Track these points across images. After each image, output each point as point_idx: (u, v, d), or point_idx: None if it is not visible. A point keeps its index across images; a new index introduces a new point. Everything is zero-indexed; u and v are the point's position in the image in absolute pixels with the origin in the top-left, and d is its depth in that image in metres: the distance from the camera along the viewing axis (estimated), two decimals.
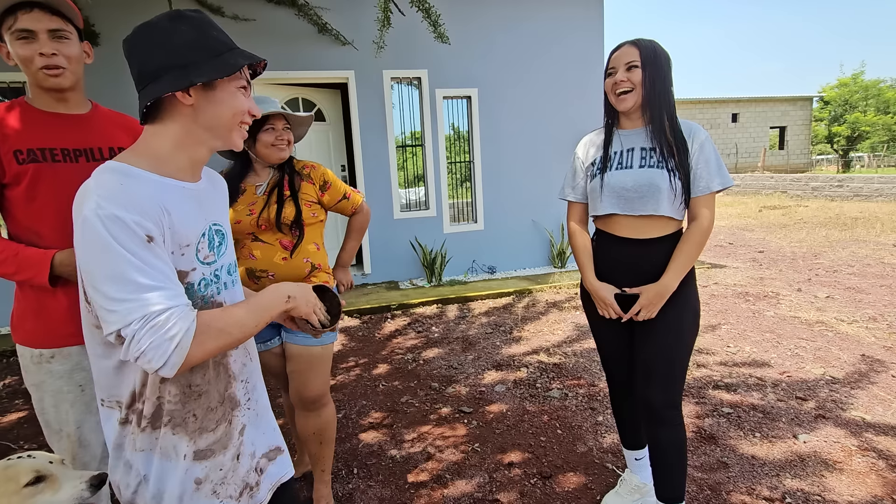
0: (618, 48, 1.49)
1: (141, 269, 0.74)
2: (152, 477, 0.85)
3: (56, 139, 1.23)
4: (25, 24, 1.16)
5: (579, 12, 5.62)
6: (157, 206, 0.79)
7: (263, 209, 1.64)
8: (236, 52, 0.88)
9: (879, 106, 25.80)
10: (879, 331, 3.39)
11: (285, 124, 1.69)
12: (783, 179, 13.85)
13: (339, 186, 1.80)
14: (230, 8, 4.64)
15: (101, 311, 0.75)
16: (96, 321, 0.82)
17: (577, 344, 3.47)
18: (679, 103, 23.80)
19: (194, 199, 0.89)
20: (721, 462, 2.04)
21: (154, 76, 0.82)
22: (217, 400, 0.90)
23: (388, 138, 5.31)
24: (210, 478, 0.88)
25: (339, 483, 2.04)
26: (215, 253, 0.93)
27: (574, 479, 2.00)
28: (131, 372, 0.83)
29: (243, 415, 0.97)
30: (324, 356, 1.72)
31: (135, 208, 0.76)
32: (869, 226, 7.71)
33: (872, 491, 1.82)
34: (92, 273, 0.75)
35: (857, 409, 2.40)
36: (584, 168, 1.63)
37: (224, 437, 0.91)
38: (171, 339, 0.73)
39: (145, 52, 0.83)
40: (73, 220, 0.78)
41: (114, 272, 0.73)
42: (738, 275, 5.21)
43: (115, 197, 0.76)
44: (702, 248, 1.47)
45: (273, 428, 1.07)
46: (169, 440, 0.85)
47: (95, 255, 0.74)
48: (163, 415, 0.84)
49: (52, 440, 1.28)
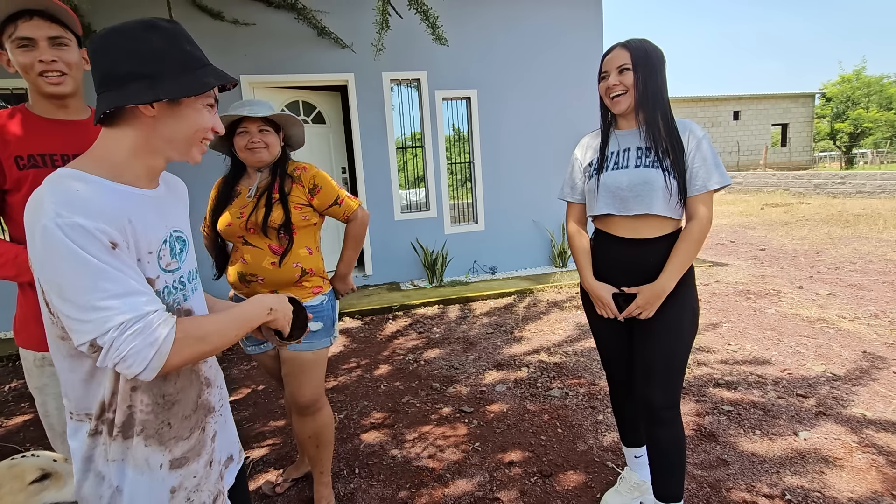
0: (609, 51, 1.50)
1: (110, 276, 0.73)
2: (126, 488, 0.83)
3: (56, 145, 1.25)
4: (25, 33, 1.19)
5: (578, 12, 5.63)
6: (118, 213, 0.77)
7: (252, 212, 1.63)
8: (209, 69, 0.86)
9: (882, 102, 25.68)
10: (881, 327, 3.39)
11: (261, 126, 1.64)
12: (785, 177, 13.81)
13: (330, 191, 1.71)
14: (230, 12, 4.67)
15: (72, 321, 0.73)
16: (62, 332, 0.79)
17: (578, 343, 3.48)
18: (681, 101, 23.79)
19: (154, 206, 0.87)
20: (721, 459, 2.05)
21: (120, 82, 0.80)
22: (191, 408, 0.90)
23: (389, 140, 5.33)
24: (184, 485, 0.88)
25: (341, 483, 2.06)
26: (178, 260, 0.91)
27: (574, 477, 2.01)
28: (100, 382, 0.81)
29: (215, 421, 0.98)
30: (315, 362, 1.70)
31: (96, 215, 0.74)
32: (871, 222, 7.69)
33: (872, 487, 1.83)
34: (57, 284, 0.72)
35: (857, 405, 2.40)
36: (581, 169, 1.64)
37: (198, 444, 0.91)
38: (152, 344, 0.73)
39: (114, 56, 0.80)
40: (28, 228, 0.75)
41: (82, 282, 0.71)
42: (739, 273, 5.20)
43: (73, 204, 0.73)
44: (699, 247, 1.48)
45: (234, 434, 1.08)
46: (141, 451, 0.83)
47: (60, 266, 0.71)
48: (135, 424, 0.83)
49: (55, 442, 1.30)
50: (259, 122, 1.64)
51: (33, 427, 2.67)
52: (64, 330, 0.78)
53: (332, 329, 1.75)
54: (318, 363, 1.72)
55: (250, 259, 1.64)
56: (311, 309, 1.66)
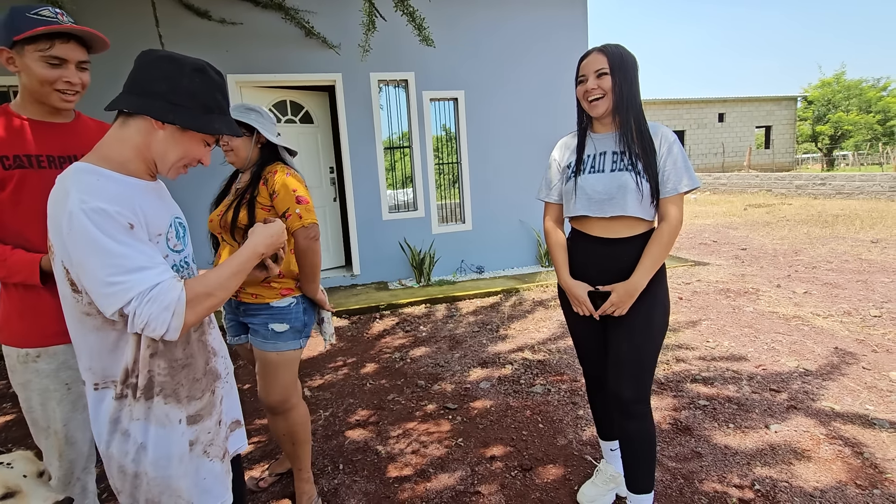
0: (586, 56, 1.56)
1: (128, 253, 0.84)
2: (150, 443, 0.94)
3: (41, 146, 1.27)
4: (60, 53, 1.22)
5: (563, 13, 5.71)
6: (129, 199, 0.90)
7: (225, 212, 1.66)
8: (225, 119, 1.02)
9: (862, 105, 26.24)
10: (853, 324, 3.50)
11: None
12: (768, 178, 14.07)
13: (284, 201, 1.60)
14: (217, 12, 4.67)
15: (99, 295, 0.84)
16: (88, 308, 0.90)
17: (561, 341, 3.54)
18: (667, 103, 24.09)
19: (156, 195, 1.01)
20: (695, 452, 2.12)
21: (150, 95, 0.93)
22: (201, 372, 1.02)
23: (376, 140, 5.35)
24: (201, 439, 1.00)
25: (325, 479, 2.09)
26: (182, 242, 1.05)
27: (553, 470, 2.06)
28: (123, 350, 0.92)
29: (222, 387, 1.11)
30: (279, 363, 1.69)
31: (114, 200, 0.86)
32: (849, 223, 7.88)
33: (837, 477, 1.90)
34: (84, 263, 0.83)
35: (827, 399, 2.49)
36: (559, 170, 1.69)
37: (209, 404, 1.03)
38: (167, 308, 0.84)
39: (157, 76, 0.94)
40: (54, 217, 0.86)
41: (105, 259, 0.82)
42: (720, 272, 5.32)
43: (95, 191, 0.85)
44: (670, 247, 1.54)
45: (237, 400, 1.22)
46: (161, 409, 0.94)
47: (85, 246, 0.82)
48: (154, 386, 0.94)
49: (39, 438, 1.31)
50: None
51: (15, 427, 2.66)
52: (90, 306, 0.89)
53: (302, 332, 1.72)
54: (284, 365, 1.70)
55: (227, 256, 1.68)
56: (278, 311, 1.67)
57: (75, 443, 1.31)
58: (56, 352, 1.28)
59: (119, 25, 4.41)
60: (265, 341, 1.67)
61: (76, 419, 1.30)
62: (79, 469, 1.33)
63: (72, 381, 1.29)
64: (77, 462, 1.32)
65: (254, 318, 1.68)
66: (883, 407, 2.38)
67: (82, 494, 1.35)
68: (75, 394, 1.30)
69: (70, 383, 1.29)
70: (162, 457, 0.94)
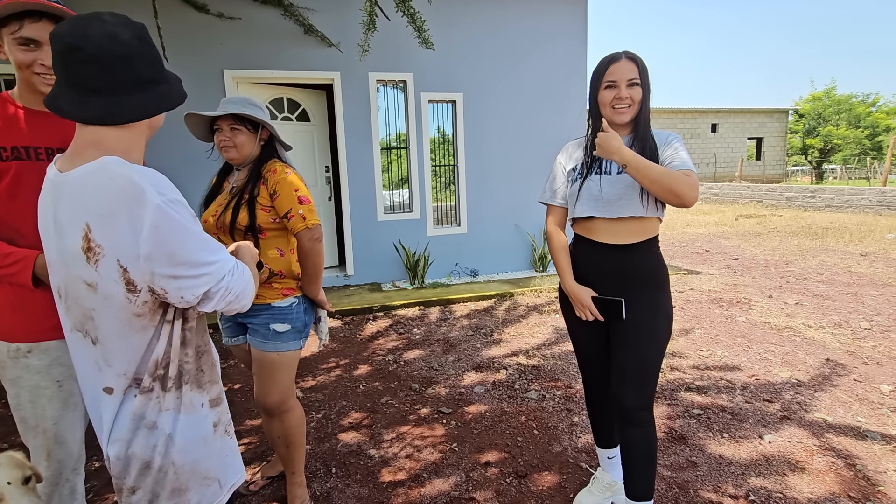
0: (615, 60, 1.52)
1: (206, 238, 0.90)
2: (177, 431, 0.95)
3: (40, 138, 1.24)
4: (31, 34, 1.18)
5: (563, 17, 5.73)
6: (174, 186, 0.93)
7: (223, 212, 1.62)
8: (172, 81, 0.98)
9: (851, 120, 26.71)
10: (844, 336, 3.53)
11: (231, 124, 1.63)
12: (759, 189, 14.24)
13: (286, 202, 1.59)
14: (215, 6, 4.62)
15: (187, 280, 0.86)
16: (140, 309, 0.88)
17: (556, 346, 3.53)
18: (662, 112, 24.32)
19: None
20: (690, 461, 2.12)
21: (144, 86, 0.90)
22: (215, 357, 1.06)
23: (373, 140, 5.33)
24: (222, 420, 1.04)
25: (318, 482, 2.05)
26: None
27: (549, 477, 2.05)
28: (155, 346, 0.92)
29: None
30: (280, 363, 1.67)
31: (176, 191, 0.89)
32: (838, 235, 7.99)
33: (831, 489, 1.91)
34: (170, 253, 0.84)
35: (819, 410, 2.50)
36: (565, 173, 1.69)
37: (222, 387, 1.07)
38: (249, 280, 0.97)
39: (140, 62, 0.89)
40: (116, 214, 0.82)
41: (193, 245, 0.87)
42: (713, 281, 5.36)
43: (164, 184, 0.87)
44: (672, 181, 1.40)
45: None
46: (188, 396, 0.97)
47: (171, 236, 0.84)
48: (183, 374, 0.96)
49: (27, 437, 1.27)
50: (230, 121, 1.63)
51: (1, 424, 2.59)
52: (144, 305, 0.88)
53: (303, 332, 1.72)
54: (284, 366, 1.68)
55: None
56: (278, 311, 1.65)
57: (65, 442, 1.27)
58: (48, 347, 1.24)
59: None
60: (265, 341, 1.65)
61: (67, 418, 1.27)
62: (68, 470, 1.29)
63: (63, 378, 1.26)
64: (66, 462, 1.28)
65: (254, 318, 1.65)
66: (874, 419, 2.40)
67: (70, 496, 1.31)
68: (66, 391, 1.26)
69: (61, 380, 1.25)
70: (190, 442, 0.96)
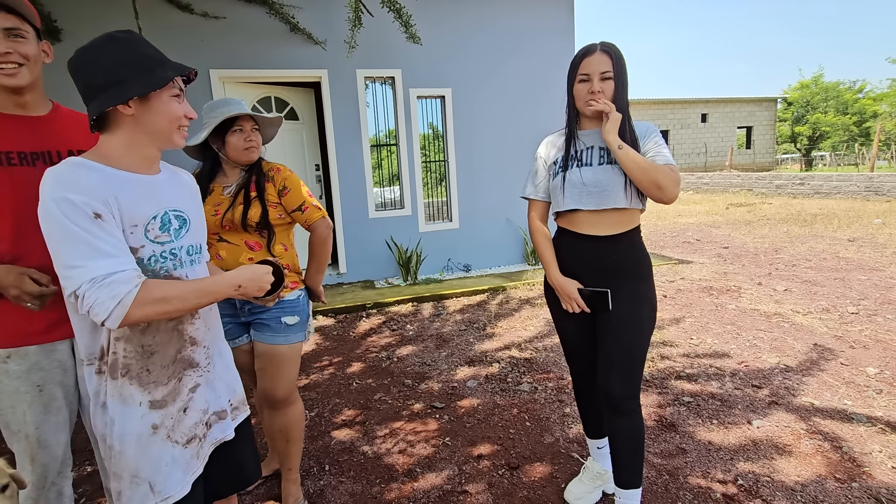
0: (589, 53, 1.53)
1: (88, 241, 0.90)
2: (117, 419, 1.00)
3: (12, 142, 1.22)
4: None
5: (550, 12, 5.72)
6: (104, 190, 0.94)
7: (228, 209, 1.64)
8: (168, 65, 1.02)
9: (839, 107, 26.89)
10: (831, 321, 3.58)
11: (253, 125, 1.70)
12: (749, 178, 14.33)
13: (297, 195, 1.71)
14: (199, 5, 4.57)
15: (61, 277, 0.91)
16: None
17: (548, 339, 3.55)
18: (651, 103, 24.38)
19: (147, 188, 1.03)
20: (680, 448, 2.14)
21: (98, 91, 0.96)
22: (169, 360, 1.05)
23: (363, 137, 5.31)
24: (164, 424, 1.03)
25: (311, 480, 2.06)
26: (172, 235, 1.06)
27: (540, 468, 2.06)
28: (100, 332, 1.00)
29: (200, 375, 1.11)
30: (290, 355, 1.73)
31: (82, 191, 0.91)
32: (827, 222, 8.07)
33: (817, 471, 1.94)
34: (52, 248, 0.91)
35: (807, 395, 2.54)
36: (546, 167, 1.69)
37: (174, 391, 1.05)
38: (113, 297, 0.89)
39: (87, 71, 0.97)
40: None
41: (67, 245, 0.89)
42: (703, 270, 5.40)
43: (67, 183, 0.91)
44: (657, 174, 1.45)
45: (224, 398, 1.18)
46: (126, 389, 1.00)
47: (53, 232, 0.90)
48: (119, 367, 1.00)
49: (10, 442, 1.27)
50: (252, 121, 1.69)
51: None
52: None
53: (306, 324, 1.79)
54: (293, 357, 1.75)
55: (226, 255, 1.66)
56: (288, 304, 1.71)
57: (48, 446, 1.27)
58: (27, 353, 1.23)
59: (97, 18, 4.29)
60: (276, 335, 1.69)
61: (49, 422, 1.26)
62: (53, 473, 1.28)
63: (44, 382, 1.25)
64: (51, 466, 1.28)
65: (263, 313, 1.69)
66: (860, 402, 2.44)
67: (58, 499, 1.30)
68: (48, 396, 1.26)
69: (42, 385, 1.25)
70: (125, 433, 0.99)
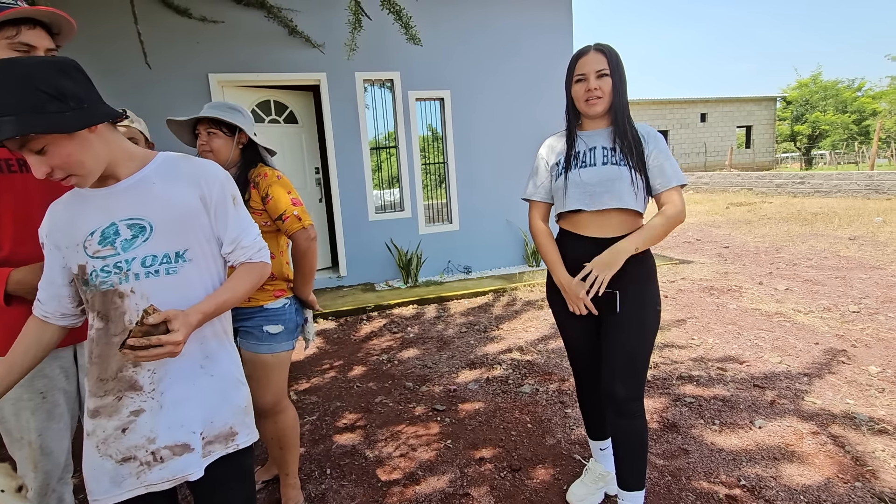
0: (583, 54, 1.54)
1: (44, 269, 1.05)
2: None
3: None
4: (29, 40, 1.19)
5: (548, 13, 5.73)
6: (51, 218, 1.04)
7: None
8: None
9: (838, 106, 26.88)
10: (833, 320, 3.57)
11: (208, 128, 1.65)
12: (749, 177, 14.32)
13: (279, 204, 1.62)
14: (198, 10, 4.58)
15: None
16: None
17: (550, 341, 3.54)
18: (651, 103, 24.38)
19: (90, 202, 1.02)
20: (682, 449, 2.13)
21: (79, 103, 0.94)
22: (109, 374, 1.02)
23: (362, 140, 5.31)
24: (96, 433, 1.02)
25: (313, 484, 2.05)
26: (118, 247, 0.99)
27: (542, 471, 2.06)
28: None
29: (144, 401, 1.01)
30: (274, 364, 1.69)
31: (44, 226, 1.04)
32: (827, 220, 8.06)
33: (822, 472, 1.93)
34: None
35: (810, 395, 2.53)
36: (548, 168, 1.68)
37: (110, 407, 1.02)
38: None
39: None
40: None
41: None
42: (704, 270, 5.39)
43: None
44: (669, 226, 1.51)
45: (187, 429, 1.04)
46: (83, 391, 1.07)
47: None
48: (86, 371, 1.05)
49: (13, 449, 1.26)
50: (207, 125, 1.65)
51: None
52: None
53: (294, 333, 1.74)
54: (278, 366, 1.70)
55: None
56: (272, 312, 1.67)
57: (51, 453, 1.27)
58: None
59: (97, 23, 4.30)
60: (259, 343, 1.66)
61: (51, 429, 1.26)
62: (54, 480, 1.28)
63: (47, 389, 1.25)
64: (53, 473, 1.28)
65: (247, 321, 1.66)
66: (863, 401, 2.43)
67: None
68: (51, 403, 1.25)
69: (45, 392, 1.24)
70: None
